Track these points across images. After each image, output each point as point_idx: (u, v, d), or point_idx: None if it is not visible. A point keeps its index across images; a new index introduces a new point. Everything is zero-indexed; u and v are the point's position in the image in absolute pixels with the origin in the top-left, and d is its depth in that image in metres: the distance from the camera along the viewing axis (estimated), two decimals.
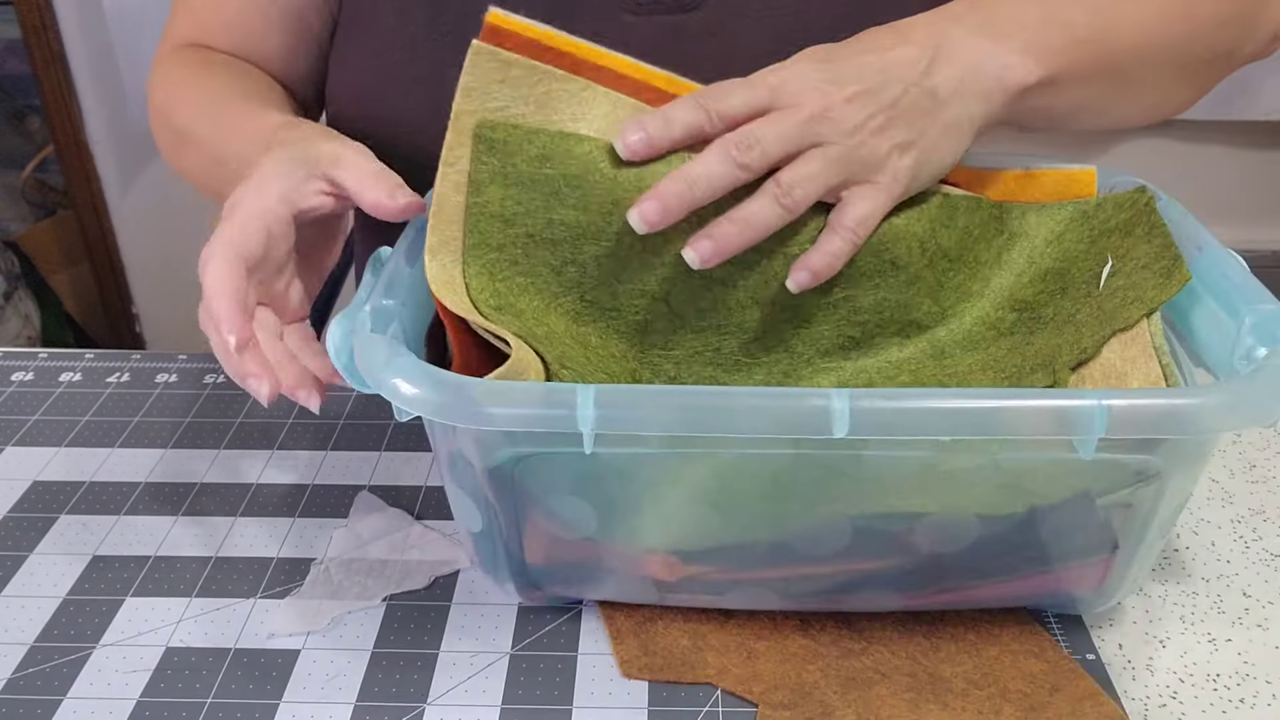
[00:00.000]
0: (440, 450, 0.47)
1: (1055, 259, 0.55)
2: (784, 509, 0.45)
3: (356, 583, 0.54)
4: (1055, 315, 0.53)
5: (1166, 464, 0.43)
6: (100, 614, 0.52)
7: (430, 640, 0.50)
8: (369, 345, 0.44)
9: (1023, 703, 0.47)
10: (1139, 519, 0.46)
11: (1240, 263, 0.49)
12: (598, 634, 0.51)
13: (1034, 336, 0.53)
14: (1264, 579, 0.54)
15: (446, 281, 0.49)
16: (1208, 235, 0.51)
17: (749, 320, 0.53)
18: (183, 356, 0.73)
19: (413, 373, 0.42)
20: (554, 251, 0.51)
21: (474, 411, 0.41)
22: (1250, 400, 0.41)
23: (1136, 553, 0.47)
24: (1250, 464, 0.62)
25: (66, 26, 1.78)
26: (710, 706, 0.47)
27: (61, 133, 1.83)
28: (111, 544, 0.56)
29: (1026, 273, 0.56)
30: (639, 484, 0.45)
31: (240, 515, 0.58)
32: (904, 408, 0.40)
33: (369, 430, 0.65)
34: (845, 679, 0.48)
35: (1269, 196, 1.94)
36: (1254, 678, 0.49)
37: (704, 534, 0.46)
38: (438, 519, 0.58)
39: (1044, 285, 0.55)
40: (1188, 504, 0.56)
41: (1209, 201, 1.80)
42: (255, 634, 0.51)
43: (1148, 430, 0.41)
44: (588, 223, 0.51)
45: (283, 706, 0.47)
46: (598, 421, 0.40)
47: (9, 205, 1.97)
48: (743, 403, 0.41)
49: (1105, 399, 0.40)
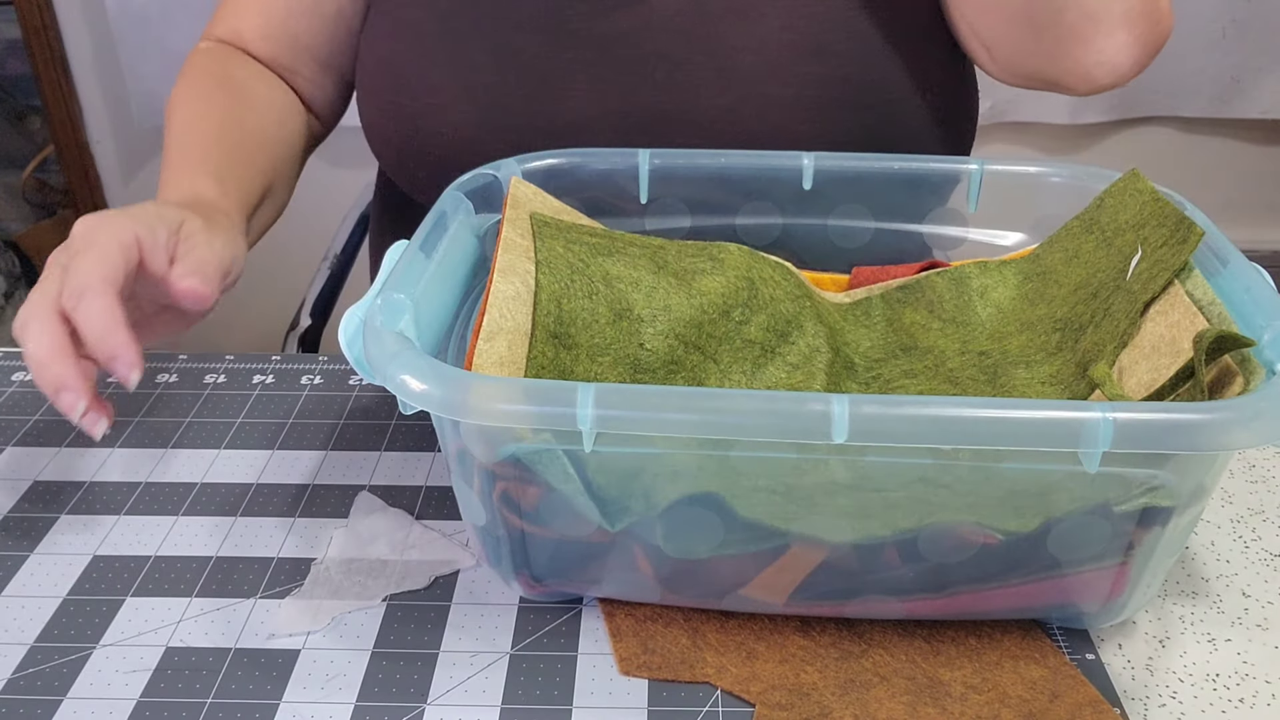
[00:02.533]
0: (446, 445, 0.47)
1: (1079, 273, 0.56)
2: (786, 514, 0.45)
3: (356, 583, 0.54)
4: (1093, 317, 0.53)
5: (1175, 480, 0.42)
6: (100, 614, 0.52)
7: (430, 640, 0.50)
8: (377, 338, 0.44)
9: (1022, 708, 0.47)
10: (1148, 536, 0.45)
11: (1265, 276, 0.48)
12: (598, 633, 0.51)
13: (1079, 345, 0.53)
14: (1264, 579, 0.54)
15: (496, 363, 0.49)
16: (1232, 249, 0.50)
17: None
18: (183, 356, 0.73)
19: (419, 368, 0.42)
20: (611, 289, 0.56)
21: (476, 407, 0.41)
22: (1264, 416, 0.39)
23: (1145, 569, 0.46)
24: (1250, 464, 0.62)
25: (67, 26, 1.78)
26: (710, 706, 0.47)
27: (61, 133, 1.83)
28: (111, 544, 0.56)
29: (1058, 296, 0.56)
30: (640, 482, 0.45)
31: (241, 515, 0.58)
32: (904, 414, 0.40)
33: (369, 430, 0.65)
34: (844, 681, 0.48)
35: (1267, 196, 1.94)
36: (1254, 678, 0.49)
37: (705, 535, 0.46)
38: (438, 519, 0.58)
39: (1075, 298, 0.55)
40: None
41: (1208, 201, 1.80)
42: (256, 634, 0.51)
43: (1155, 445, 0.40)
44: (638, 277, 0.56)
45: (283, 706, 0.47)
46: (597, 421, 0.41)
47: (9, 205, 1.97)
48: (743, 405, 0.41)
49: (1111, 411, 0.39)
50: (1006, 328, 0.59)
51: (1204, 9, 1.74)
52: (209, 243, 0.58)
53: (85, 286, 0.52)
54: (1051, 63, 0.66)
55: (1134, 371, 0.49)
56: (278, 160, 0.75)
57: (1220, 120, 1.86)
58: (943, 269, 0.62)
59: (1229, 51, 1.77)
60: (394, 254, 0.51)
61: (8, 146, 1.96)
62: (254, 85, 0.77)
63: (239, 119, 0.74)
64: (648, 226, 0.64)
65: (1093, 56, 0.64)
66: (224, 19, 0.81)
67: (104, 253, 0.53)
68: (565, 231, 0.57)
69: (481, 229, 0.58)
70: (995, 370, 0.56)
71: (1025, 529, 0.45)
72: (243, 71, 0.78)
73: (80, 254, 0.53)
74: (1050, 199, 0.62)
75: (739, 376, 0.56)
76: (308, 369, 0.71)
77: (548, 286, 0.54)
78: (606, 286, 0.55)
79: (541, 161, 0.62)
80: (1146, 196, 0.55)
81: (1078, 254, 0.57)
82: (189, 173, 0.67)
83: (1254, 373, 0.44)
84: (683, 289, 0.56)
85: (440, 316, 0.51)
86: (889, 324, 0.61)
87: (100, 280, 0.52)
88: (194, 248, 0.57)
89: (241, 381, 0.70)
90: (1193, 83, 1.80)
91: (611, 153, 0.63)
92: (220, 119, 0.73)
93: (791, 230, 0.64)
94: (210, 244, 0.58)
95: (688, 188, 0.63)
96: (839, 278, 0.64)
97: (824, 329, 0.57)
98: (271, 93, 0.78)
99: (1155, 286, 0.50)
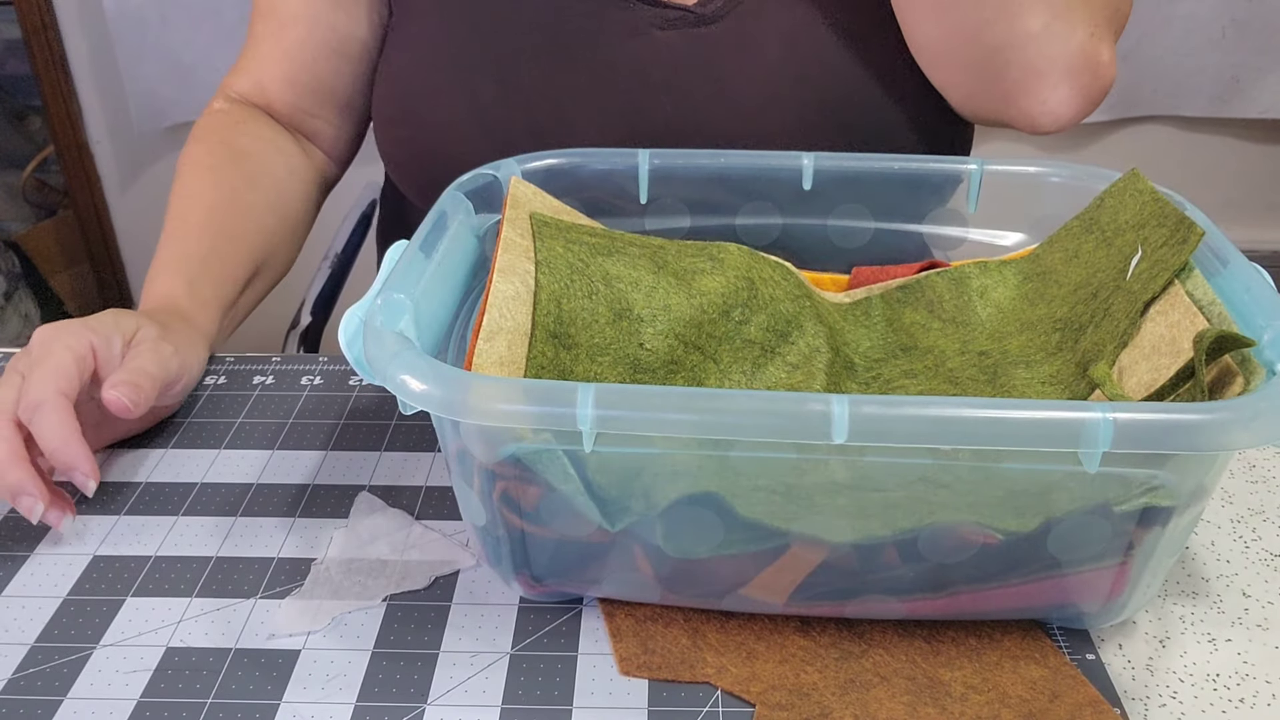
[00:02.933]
0: (447, 445, 0.47)
1: (1079, 273, 0.56)
2: (786, 514, 0.45)
3: (357, 583, 0.54)
4: (1093, 317, 0.53)
5: (1175, 480, 0.42)
6: (100, 614, 0.52)
7: (430, 640, 0.50)
8: (377, 338, 0.44)
9: (1022, 708, 0.47)
10: (1148, 536, 0.45)
11: (1265, 277, 0.48)
12: (598, 633, 0.51)
13: (1079, 345, 0.53)
14: (1264, 579, 0.54)
15: (496, 363, 0.49)
16: (1232, 249, 0.50)
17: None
18: None
19: (419, 368, 0.42)
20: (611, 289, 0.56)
21: (476, 407, 0.41)
22: (1264, 416, 0.39)
23: (1145, 569, 0.46)
24: (1250, 464, 0.62)
25: (67, 27, 1.78)
26: (710, 706, 0.47)
27: (61, 133, 1.83)
28: (111, 544, 0.56)
29: (1058, 296, 0.56)
30: (640, 482, 0.45)
31: (241, 515, 0.58)
32: (904, 414, 0.40)
33: (369, 430, 0.65)
34: (844, 681, 0.48)
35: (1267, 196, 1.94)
36: (1254, 678, 0.49)
37: (705, 535, 0.46)
38: (438, 519, 0.58)
39: (1075, 298, 0.55)
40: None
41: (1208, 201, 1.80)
42: (256, 634, 0.51)
43: (1155, 445, 0.40)
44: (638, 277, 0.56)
45: (283, 706, 0.47)
46: (597, 421, 0.41)
47: (9, 205, 1.97)
48: (742, 405, 0.41)
49: (1111, 411, 0.39)
50: (1006, 328, 0.59)
51: (1204, 9, 1.74)
52: (155, 351, 0.60)
53: (41, 399, 0.55)
54: (1000, 109, 0.70)
55: (1134, 371, 0.49)
56: (273, 235, 0.77)
57: (1220, 120, 1.86)
58: (943, 269, 0.62)
59: (1229, 51, 1.77)
60: (394, 254, 0.51)
61: (8, 146, 1.96)
62: (260, 155, 0.79)
63: (234, 196, 0.76)
64: (648, 226, 0.64)
65: (1037, 107, 0.68)
66: (247, 70, 0.82)
67: (59, 364, 0.56)
68: (565, 231, 0.57)
69: (481, 229, 0.58)
70: (995, 370, 0.56)
71: (1025, 529, 0.45)
72: (251, 140, 0.79)
73: (37, 364, 0.57)
74: (1050, 199, 0.62)
75: (739, 376, 0.56)
76: (308, 369, 0.71)
77: (547, 286, 0.54)
78: (606, 286, 0.55)
79: (541, 161, 0.62)
80: (1146, 196, 0.55)
81: (1078, 254, 0.57)
82: (168, 272, 0.70)
83: (1254, 373, 0.44)
84: (683, 289, 0.56)
85: (440, 316, 0.51)
86: (889, 324, 0.61)
87: (55, 393, 0.55)
88: (138, 355, 0.59)
89: (241, 381, 0.70)
90: (1193, 82, 1.80)
91: (611, 153, 0.63)
92: (212, 201, 0.75)
93: (791, 230, 0.64)
94: (157, 353, 0.60)
95: (688, 188, 0.63)
96: (839, 278, 0.64)
97: (824, 329, 0.57)
98: (277, 159, 0.80)
99: (1155, 286, 0.50)
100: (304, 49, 0.80)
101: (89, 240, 1.92)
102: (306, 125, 0.83)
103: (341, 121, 0.84)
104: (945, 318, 0.60)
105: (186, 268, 0.70)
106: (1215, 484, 0.45)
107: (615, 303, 0.55)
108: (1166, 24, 1.75)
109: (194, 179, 0.76)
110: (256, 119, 0.81)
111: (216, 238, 0.73)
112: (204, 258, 0.71)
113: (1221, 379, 0.47)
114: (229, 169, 0.77)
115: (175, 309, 0.68)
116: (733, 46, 0.73)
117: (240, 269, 0.73)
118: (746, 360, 0.56)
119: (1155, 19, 1.74)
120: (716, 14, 0.73)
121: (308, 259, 1.16)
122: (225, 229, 0.74)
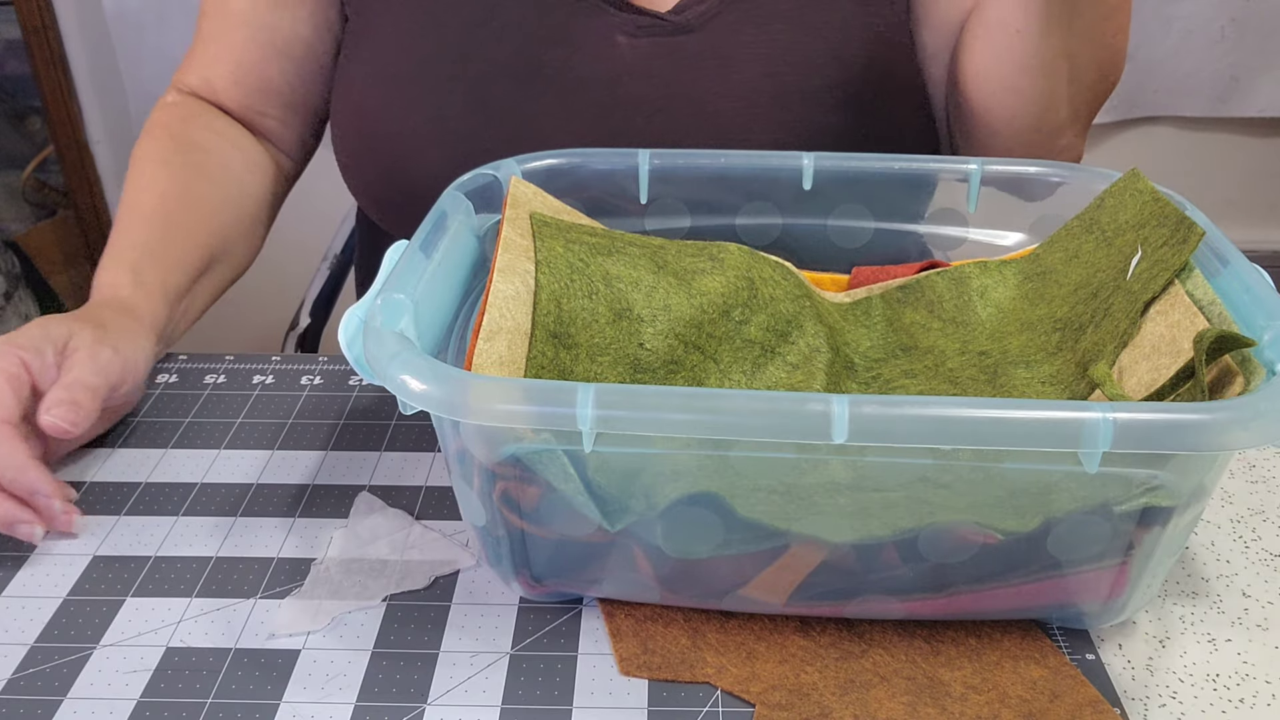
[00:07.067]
0: (447, 445, 0.47)
1: (1079, 273, 0.56)
2: (786, 514, 0.45)
3: (356, 583, 0.54)
4: (1093, 317, 0.53)
5: (1175, 480, 0.42)
6: (100, 614, 0.52)
7: (430, 640, 0.50)
8: (377, 339, 0.44)
9: (1022, 709, 0.47)
10: (1148, 536, 0.45)
11: (1264, 277, 0.48)
12: (598, 633, 0.51)
13: (1079, 345, 0.53)
14: (1264, 579, 0.54)
15: (496, 363, 0.49)
16: (1232, 249, 0.50)
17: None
18: (183, 356, 0.73)
19: (419, 368, 0.42)
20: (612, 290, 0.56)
21: (476, 407, 0.41)
22: (1264, 416, 0.39)
23: (1145, 569, 0.46)
24: (1250, 464, 0.62)
25: (66, 27, 1.78)
26: (710, 706, 0.47)
27: (61, 133, 1.83)
28: (111, 544, 0.56)
29: (1058, 296, 0.56)
30: (640, 482, 0.45)
31: (240, 515, 0.58)
32: (904, 414, 0.40)
33: (369, 430, 0.65)
34: (844, 681, 0.48)
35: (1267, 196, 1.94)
36: (1254, 678, 0.49)
37: (704, 535, 0.46)
38: (438, 519, 0.58)
39: (1075, 298, 0.55)
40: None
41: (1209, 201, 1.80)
42: (256, 634, 0.51)
43: (1155, 445, 0.40)
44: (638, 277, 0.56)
45: (283, 706, 0.47)
46: (597, 421, 0.41)
47: (9, 206, 1.97)
48: (742, 405, 0.41)
49: (1111, 411, 0.39)
50: (1006, 328, 0.59)
51: (1204, 9, 1.74)
52: (93, 358, 0.59)
53: None
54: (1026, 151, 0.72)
55: (1134, 371, 0.49)
56: (227, 226, 0.76)
57: (1220, 119, 1.86)
58: (943, 269, 0.62)
59: (1229, 51, 1.77)
60: (394, 254, 0.51)
61: (8, 146, 1.96)
62: (213, 147, 0.78)
63: (187, 187, 0.75)
64: (648, 226, 0.64)
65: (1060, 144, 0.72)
66: (194, 68, 0.81)
67: None
68: (565, 231, 0.57)
69: (481, 229, 0.58)
70: (995, 370, 0.56)
71: (1025, 529, 0.45)
72: (204, 133, 0.79)
73: None
74: (1050, 199, 0.62)
75: (739, 376, 0.56)
76: (307, 369, 0.71)
77: (547, 286, 0.54)
78: (606, 286, 0.55)
79: (541, 161, 0.62)
80: (1146, 196, 0.55)
81: (1078, 254, 0.57)
82: (114, 262, 0.69)
83: (1254, 373, 0.44)
84: (683, 289, 0.56)
85: (440, 316, 0.51)
86: (889, 324, 0.61)
87: None
88: (74, 365, 0.59)
89: (241, 382, 0.70)
90: (1193, 82, 1.80)
91: (611, 153, 0.63)
92: (164, 190, 0.74)
93: (791, 230, 0.64)
94: (94, 359, 0.59)
95: (688, 188, 0.63)
96: (839, 278, 0.64)
97: (824, 329, 0.57)
98: (231, 153, 0.79)
99: (1155, 286, 0.50)
100: (248, 50, 0.79)
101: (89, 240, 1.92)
102: (258, 123, 0.82)
103: (293, 120, 0.83)
104: (945, 318, 0.60)
105: (133, 255, 0.69)
106: (1215, 484, 0.45)
107: (615, 302, 0.55)
108: (1166, 24, 1.75)
109: (146, 170, 0.75)
110: (209, 113, 0.80)
111: (166, 226, 0.72)
112: (151, 246, 0.70)
113: (1221, 379, 0.47)
114: (180, 160, 0.76)
115: (118, 301, 0.66)
116: (713, 61, 0.71)
117: (191, 256, 0.72)
118: (746, 360, 0.56)
119: (1155, 19, 1.74)
120: (690, 25, 0.71)
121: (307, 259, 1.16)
122: (175, 218, 0.72)
